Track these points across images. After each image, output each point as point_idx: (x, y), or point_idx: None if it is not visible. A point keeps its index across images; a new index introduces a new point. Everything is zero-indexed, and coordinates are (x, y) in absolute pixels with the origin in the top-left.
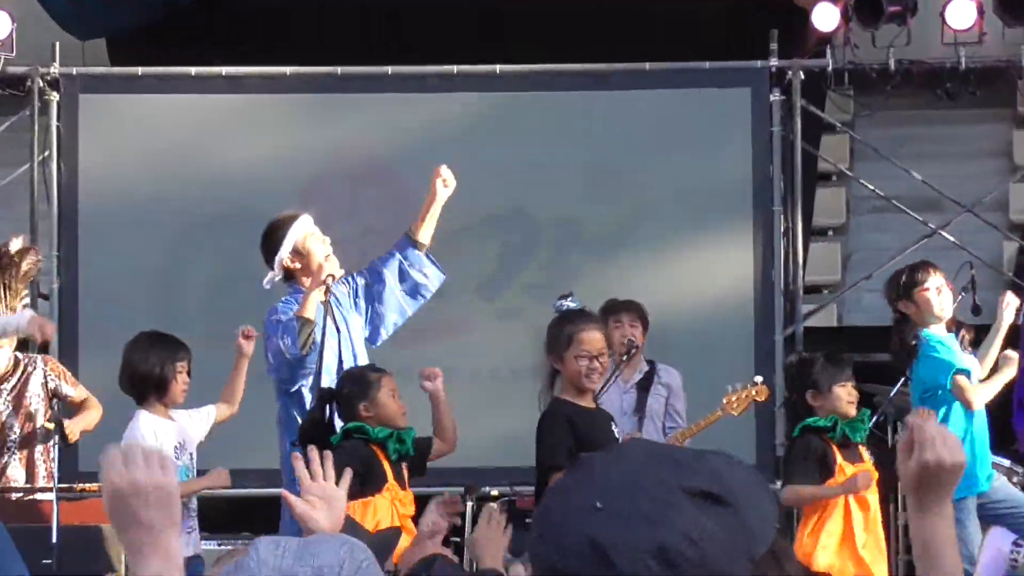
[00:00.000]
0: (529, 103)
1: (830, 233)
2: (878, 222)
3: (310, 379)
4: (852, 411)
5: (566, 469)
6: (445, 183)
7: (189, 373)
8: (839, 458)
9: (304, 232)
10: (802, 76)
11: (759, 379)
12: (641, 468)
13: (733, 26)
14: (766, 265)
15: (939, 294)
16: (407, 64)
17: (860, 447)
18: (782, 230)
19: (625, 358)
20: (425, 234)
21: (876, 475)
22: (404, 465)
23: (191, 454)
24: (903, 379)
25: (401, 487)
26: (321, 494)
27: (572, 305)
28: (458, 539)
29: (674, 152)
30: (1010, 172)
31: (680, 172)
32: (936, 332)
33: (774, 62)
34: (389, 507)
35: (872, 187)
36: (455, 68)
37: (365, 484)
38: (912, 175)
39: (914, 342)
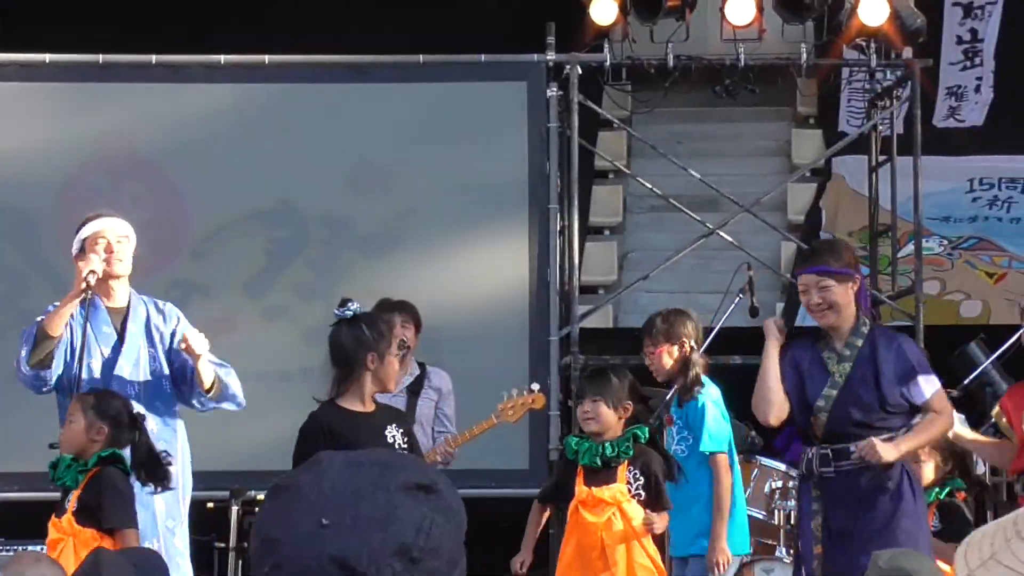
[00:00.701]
0: (298, 95)
1: (606, 232)
2: (655, 221)
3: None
4: (587, 427)
5: (265, 499)
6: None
7: None
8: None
9: (91, 232)
10: (579, 71)
11: (536, 387)
12: (350, 476)
13: (509, 19)
14: (541, 264)
15: None
16: (171, 53)
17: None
18: (558, 229)
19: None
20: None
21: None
22: None
23: None
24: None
25: None
26: None
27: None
28: (222, 544)
29: (448, 148)
30: (788, 172)
31: (454, 168)
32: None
33: (551, 56)
34: None
35: (649, 185)
36: (222, 58)
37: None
38: (690, 173)
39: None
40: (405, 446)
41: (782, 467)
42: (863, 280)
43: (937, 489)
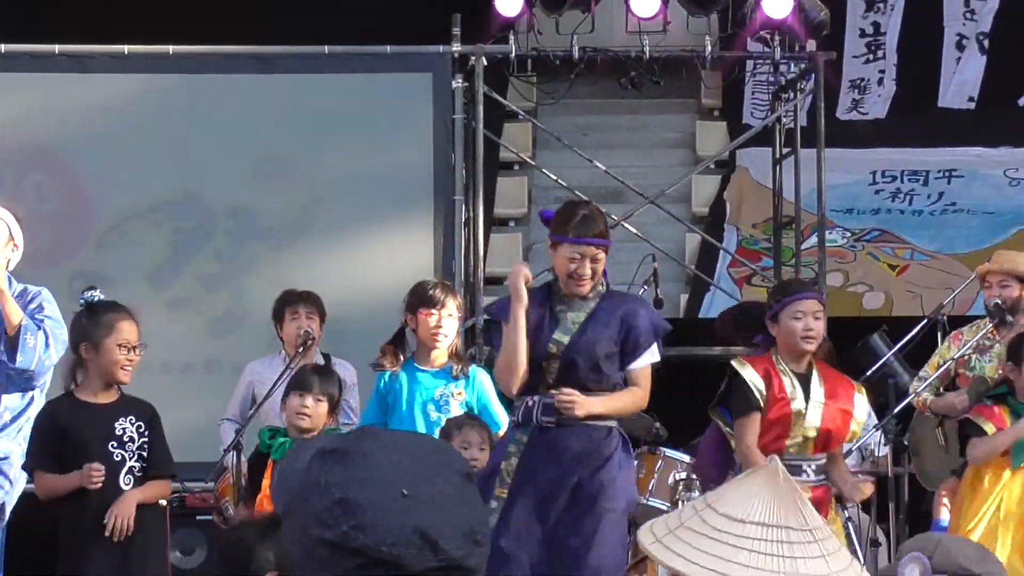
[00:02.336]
0: (203, 86)
1: (512, 223)
2: None
3: None
4: (299, 423)
5: (319, 460)
6: None
7: None
8: None
9: None
10: (485, 62)
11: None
12: (415, 454)
13: (415, 10)
14: (446, 256)
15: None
16: (75, 43)
17: None
18: (463, 220)
19: (302, 350)
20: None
21: None
22: None
23: None
24: None
25: None
26: None
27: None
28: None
29: (354, 139)
30: (693, 164)
31: (359, 159)
32: None
33: (456, 47)
34: None
35: (555, 177)
36: (126, 48)
37: None
38: (595, 165)
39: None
40: (144, 438)
41: (686, 458)
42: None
43: None
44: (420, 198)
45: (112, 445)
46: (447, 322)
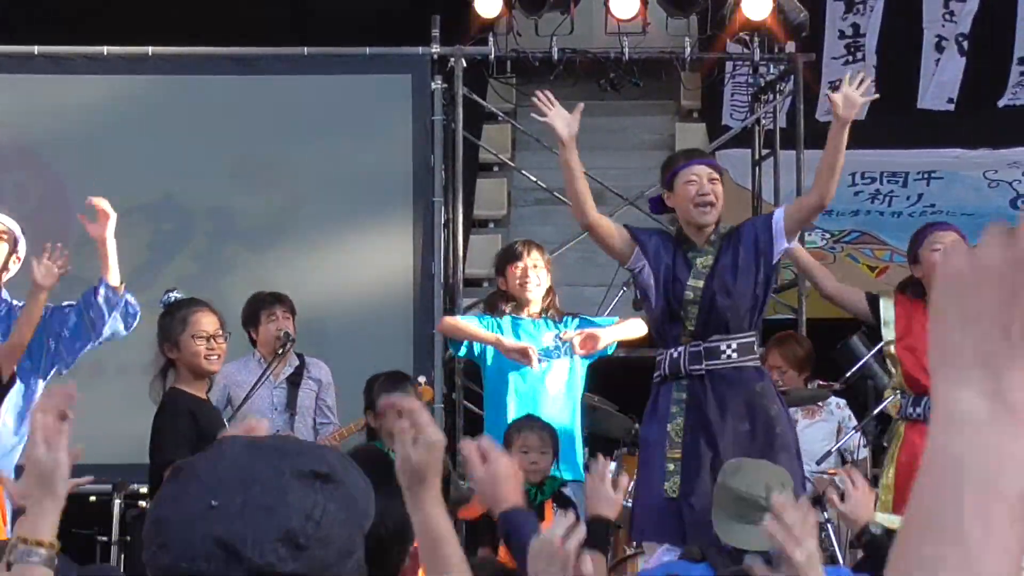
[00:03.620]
0: (182, 87)
1: (491, 225)
2: (540, 214)
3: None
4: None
5: (168, 478)
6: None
7: None
8: None
9: None
10: (464, 64)
11: (422, 379)
12: (247, 460)
13: (394, 11)
14: (426, 257)
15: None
16: (54, 44)
17: None
18: (442, 221)
19: (281, 352)
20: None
21: None
22: None
23: None
24: None
25: None
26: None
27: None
28: (104, 538)
29: (333, 140)
30: None
31: (339, 161)
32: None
33: (436, 49)
34: None
35: (534, 178)
36: (104, 49)
37: None
38: None
39: None
40: None
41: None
42: None
43: None
44: (399, 199)
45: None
46: (533, 272)
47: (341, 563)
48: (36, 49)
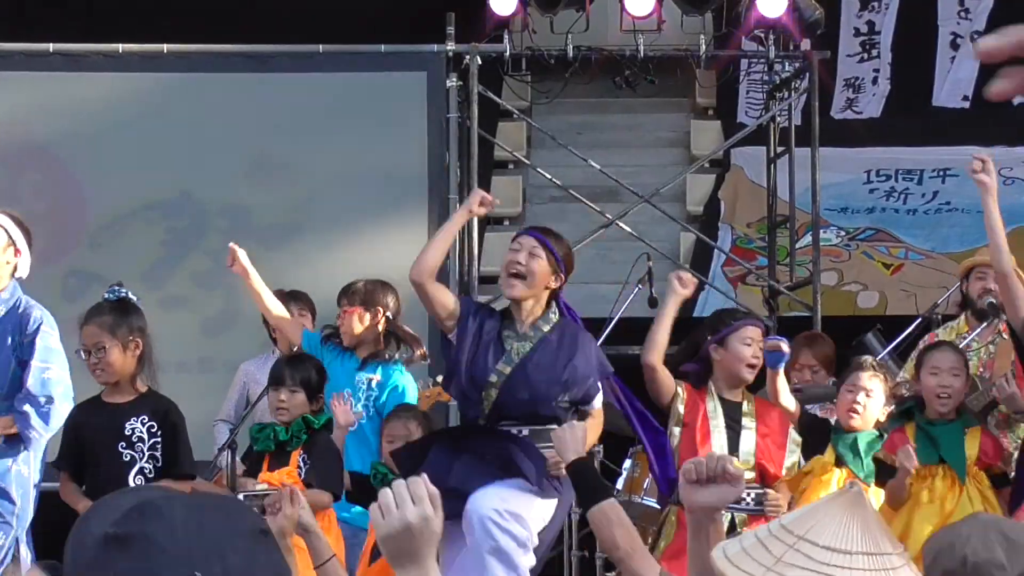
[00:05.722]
0: (197, 85)
1: (506, 222)
2: (555, 212)
3: None
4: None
5: (105, 551)
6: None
7: None
8: None
9: None
10: (479, 61)
11: (439, 379)
12: (197, 524)
13: (409, 9)
14: None
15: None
16: (69, 42)
17: None
18: None
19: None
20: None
21: None
22: None
23: None
24: None
25: None
26: None
27: None
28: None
29: (348, 138)
30: (687, 163)
31: (354, 158)
32: None
33: (451, 46)
34: None
35: (549, 176)
36: (120, 47)
37: None
38: (590, 164)
39: None
40: (155, 438)
41: None
42: (564, 281)
43: None
44: (415, 196)
45: (121, 445)
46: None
47: None
48: (51, 47)
